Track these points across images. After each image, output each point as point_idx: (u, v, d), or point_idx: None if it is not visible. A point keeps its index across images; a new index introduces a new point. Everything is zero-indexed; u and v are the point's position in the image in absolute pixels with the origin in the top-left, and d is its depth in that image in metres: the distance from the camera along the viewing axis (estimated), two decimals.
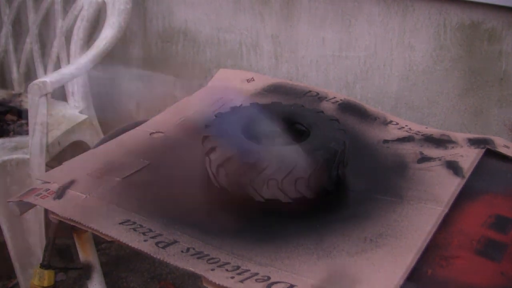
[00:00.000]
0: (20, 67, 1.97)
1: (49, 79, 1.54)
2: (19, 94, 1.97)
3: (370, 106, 1.28)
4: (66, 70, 1.61)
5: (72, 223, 0.92)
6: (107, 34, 1.72)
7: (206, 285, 0.78)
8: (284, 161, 0.92)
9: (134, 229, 0.88)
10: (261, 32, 1.78)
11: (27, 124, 1.63)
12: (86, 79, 1.85)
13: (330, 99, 1.28)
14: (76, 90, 1.84)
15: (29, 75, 1.96)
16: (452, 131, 1.19)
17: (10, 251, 1.64)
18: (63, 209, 0.93)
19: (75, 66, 1.64)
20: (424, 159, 1.07)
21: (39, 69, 1.93)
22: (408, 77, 1.60)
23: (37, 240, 1.65)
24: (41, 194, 0.96)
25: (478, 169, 1.04)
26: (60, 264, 1.78)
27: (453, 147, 1.11)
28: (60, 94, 2.07)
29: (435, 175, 1.02)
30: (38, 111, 1.53)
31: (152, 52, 2.04)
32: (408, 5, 1.53)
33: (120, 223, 0.89)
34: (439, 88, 1.57)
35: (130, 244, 0.84)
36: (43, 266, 1.16)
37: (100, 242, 1.91)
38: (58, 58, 1.88)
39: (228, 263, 0.81)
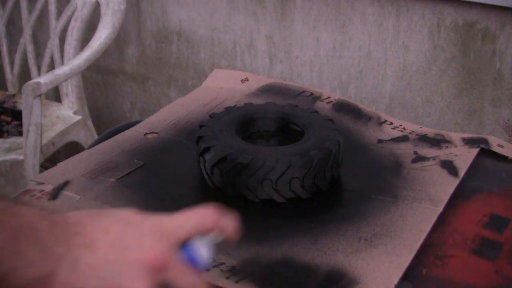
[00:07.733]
0: (14, 68, 1.97)
1: (43, 80, 1.54)
2: (13, 95, 1.96)
3: (365, 106, 1.28)
4: (60, 71, 1.61)
5: None
6: (101, 35, 1.71)
7: None
8: (279, 161, 0.92)
9: None
10: (256, 32, 1.78)
11: (21, 125, 1.63)
12: (80, 79, 1.85)
13: (325, 99, 1.28)
14: (70, 91, 1.84)
15: (23, 76, 1.95)
16: (447, 130, 1.19)
17: None
18: (57, 210, 0.92)
19: (69, 66, 1.63)
20: (418, 158, 1.07)
21: (33, 70, 1.93)
22: (403, 77, 1.60)
23: None
24: (35, 195, 0.96)
25: (473, 168, 1.04)
26: None
27: (447, 146, 1.11)
28: (54, 95, 2.07)
29: (430, 175, 1.02)
30: (32, 112, 1.52)
31: (147, 53, 2.04)
32: (402, 5, 1.53)
33: None
34: (433, 87, 1.57)
35: None
36: None
37: None
38: (52, 59, 1.87)
39: (223, 263, 0.81)
